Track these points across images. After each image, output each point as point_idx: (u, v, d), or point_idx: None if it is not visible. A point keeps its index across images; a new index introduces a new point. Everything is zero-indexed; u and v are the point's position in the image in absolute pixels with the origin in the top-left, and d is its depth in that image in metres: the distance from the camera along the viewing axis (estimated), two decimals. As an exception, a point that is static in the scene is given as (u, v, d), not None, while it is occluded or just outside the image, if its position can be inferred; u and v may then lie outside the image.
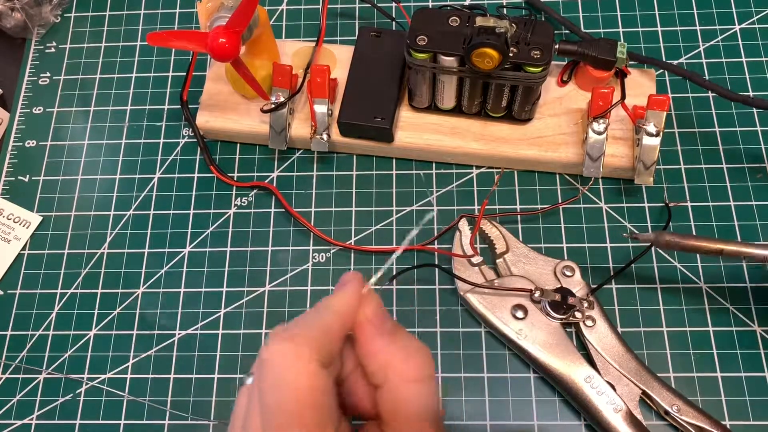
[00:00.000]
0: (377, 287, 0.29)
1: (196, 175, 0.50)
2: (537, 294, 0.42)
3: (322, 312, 0.28)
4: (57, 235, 0.49)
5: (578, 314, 0.42)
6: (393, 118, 0.46)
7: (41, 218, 0.49)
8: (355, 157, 0.49)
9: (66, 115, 0.53)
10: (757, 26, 0.51)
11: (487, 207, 0.46)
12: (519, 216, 0.47)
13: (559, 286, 0.43)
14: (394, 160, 0.49)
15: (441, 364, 0.43)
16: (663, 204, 0.46)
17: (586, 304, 0.42)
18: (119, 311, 0.46)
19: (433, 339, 0.44)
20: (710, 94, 0.49)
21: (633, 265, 0.44)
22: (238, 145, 0.50)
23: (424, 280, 0.46)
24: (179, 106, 0.51)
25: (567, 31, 0.51)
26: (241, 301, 0.46)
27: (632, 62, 0.47)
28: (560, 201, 0.47)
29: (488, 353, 0.44)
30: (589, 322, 0.42)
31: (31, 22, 0.55)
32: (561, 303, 0.42)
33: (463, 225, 0.45)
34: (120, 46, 0.55)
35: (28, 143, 0.52)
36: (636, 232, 0.44)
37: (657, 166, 0.46)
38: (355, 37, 0.49)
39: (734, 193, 0.47)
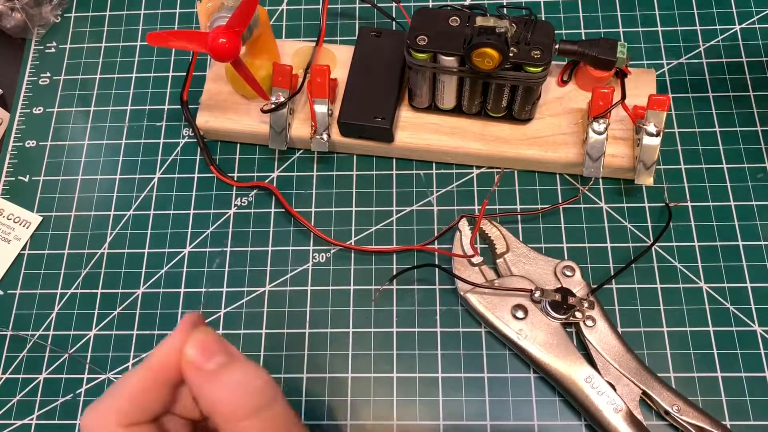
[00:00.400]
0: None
1: (196, 175, 0.50)
2: (537, 294, 0.42)
3: (137, 370, 0.28)
4: (57, 235, 0.49)
5: (578, 314, 0.42)
6: (393, 118, 0.46)
7: (41, 218, 0.49)
8: (355, 157, 0.49)
9: (66, 115, 0.53)
10: (757, 26, 0.51)
11: (487, 207, 0.46)
12: (519, 216, 0.47)
13: (559, 286, 0.43)
14: (394, 160, 0.49)
15: (441, 364, 0.43)
16: (663, 204, 0.46)
17: (586, 304, 0.42)
18: (119, 311, 0.46)
19: (433, 339, 0.44)
20: (710, 94, 0.49)
21: (633, 265, 0.44)
22: (238, 145, 0.50)
23: (424, 280, 0.46)
24: (179, 106, 0.51)
25: (567, 31, 0.51)
26: (241, 301, 0.46)
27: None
28: (560, 201, 0.47)
29: (488, 353, 0.44)
30: (589, 322, 0.42)
31: (31, 22, 0.55)
32: (561, 303, 0.42)
33: (463, 225, 0.45)
34: (120, 46, 0.55)
35: (28, 143, 0.52)
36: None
37: (657, 166, 0.46)
38: (355, 37, 0.49)
39: (734, 193, 0.47)
